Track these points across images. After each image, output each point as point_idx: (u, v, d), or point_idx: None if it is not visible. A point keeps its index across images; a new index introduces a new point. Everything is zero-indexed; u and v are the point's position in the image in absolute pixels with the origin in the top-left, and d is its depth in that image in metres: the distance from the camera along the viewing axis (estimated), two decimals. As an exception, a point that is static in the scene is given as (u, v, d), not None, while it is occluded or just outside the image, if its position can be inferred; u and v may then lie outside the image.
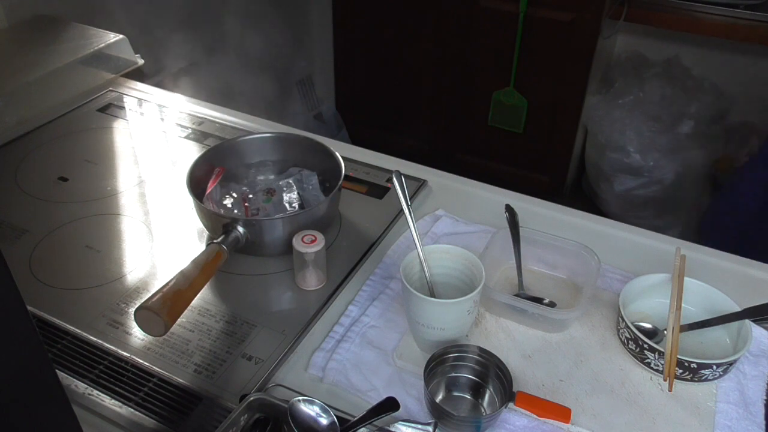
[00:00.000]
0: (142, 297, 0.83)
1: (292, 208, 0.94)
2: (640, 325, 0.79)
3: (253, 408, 0.68)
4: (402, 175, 0.79)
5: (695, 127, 2.09)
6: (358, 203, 1.02)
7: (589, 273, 0.83)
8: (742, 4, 1.92)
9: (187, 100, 1.30)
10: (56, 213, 0.99)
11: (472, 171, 1.30)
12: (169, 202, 1.02)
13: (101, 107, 1.27)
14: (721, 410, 0.72)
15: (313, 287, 0.86)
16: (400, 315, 0.82)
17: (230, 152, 1.00)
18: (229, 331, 0.80)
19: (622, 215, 2.22)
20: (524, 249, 0.87)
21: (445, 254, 0.79)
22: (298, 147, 1.02)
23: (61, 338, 0.79)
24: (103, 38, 1.33)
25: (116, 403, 0.72)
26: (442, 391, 0.73)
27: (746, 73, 2.16)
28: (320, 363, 0.76)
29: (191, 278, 0.76)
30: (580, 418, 0.71)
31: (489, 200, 1.03)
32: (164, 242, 0.94)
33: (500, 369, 0.71)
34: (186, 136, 1.19)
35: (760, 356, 0.78)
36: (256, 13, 2.07)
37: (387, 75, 2.52)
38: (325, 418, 0.64)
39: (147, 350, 0.77)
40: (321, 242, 0.83)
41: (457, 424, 0.68)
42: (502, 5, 2.12)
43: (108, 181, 1.07)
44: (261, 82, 2.04)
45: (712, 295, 0.80)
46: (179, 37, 1.64)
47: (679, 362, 0.72)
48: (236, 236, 0.84)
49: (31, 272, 0.88)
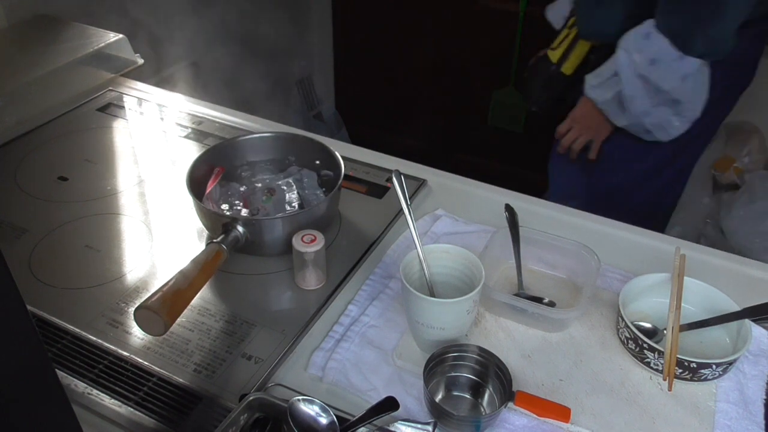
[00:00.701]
0: (141, 296, 0.83)
1: (291, 208, 0.94)
2: (639, 324, 0.79)
3: (252, 407, 0.68)
4: (401, 174, 0.79)
5: (695, 127, 2.09)
6: (358, 203, 1.02)
7: (589, 273, 0.83)
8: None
9: (187, 99, 1.30)
10: (56, 212, 0.99)
11: (472, 170, 1.29)
12: (169, 202, 1.02)
13: (101, 107, 1.27)
14: (721, 410, 0.72)
15: (313, 287, 0.86)
16: (399, 314, 0.82)
17: (230, 152, 1.00)
18: (228, 331, 0.80)
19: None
20: (524, 248, 0.87)
21: (444, 254, 0.79)
22: (297, 146, 1.02)
23: (60, 338, 0.79)
24: (102, 38, 1.33)
25: (116, 403, 0.72)
26: (441, 391, 0.73)
27: (746, 73, 2.16)
28: (320, 362, 0.76)
29: (191, 278, 0.76)
30: (580, 417, 0.71)
31: (489, 200, 1.03)
32: (164, 242, 0.94)
33: (500, 368, 0.71)
34: (186, 136, 1.19)
35: (760, 356, 0.78)
36: (256, 13, 2.07)
37: (387, 74, 2.52)
38: (325, 417, 0.64)
39: (147, 350, 0.77)
40: (321, 242, 0.83)
41: (457, 423, 0.68)
42: (502, 5, 2.12)
43: (108, 181, 1.07)
44: (261, 82, 2.04)
45: (711, 295, 0.80)
46: (179, 37, 1.64)
47: (678, 362, 0.72)
48: (236, 236, 0.84)
49: (31, 272, 0.88)
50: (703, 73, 1.08)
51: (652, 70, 1.08)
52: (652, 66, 1.08)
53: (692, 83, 1.07)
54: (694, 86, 1.08)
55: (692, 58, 1.05)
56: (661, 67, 1.07)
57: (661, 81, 1.08)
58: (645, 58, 1.09)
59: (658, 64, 1.07)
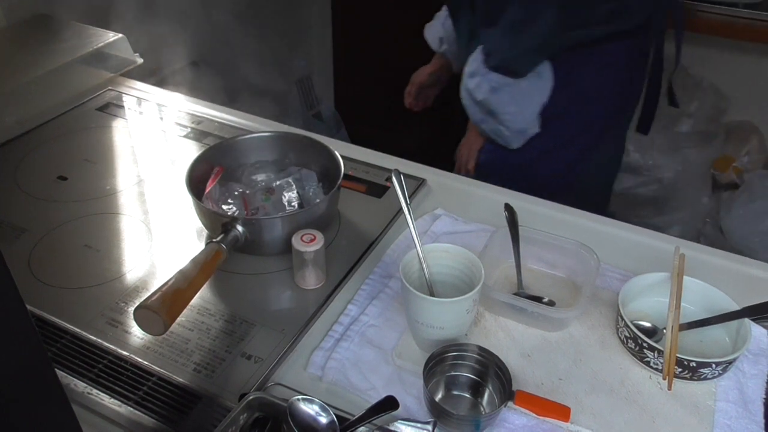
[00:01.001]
0: (141, 296, 0.83)
1: (291, 207, 0.94)
2: (639, 323, 0.79)
3: (252, 407, 0.68)
4: (401, 174, 0.79)
5: (694, 126, 2.09)
6: (358, 202, 1.02)
7: (589, 272, 0.83)
8: (741, 3, 1.92)
9: (186, 99, 1.30)
10: (55, 212, 0.99)
11: (472, 170, 1.30)
12: (169, 201, 1.02)
13: (100, 106, 1.27)
14: (721, 409, 0.72)
15: (313, 286, 0.86)
16: (399, 314, 0.82)
17: (229, 151, 1.00)
18: (228, 330, 0.80)
19: (621, 214, 2.21)
20: (523, 248, 0.87)
21: (444, 253, 0.79)
22: (297, 146, 1.02)
23: (60, 337, 0.79)
24: (102, 37, 1.33)
25: (116, 402, 0.72)
26: (441, 390, 0.73)
27: (745, 72, 2.16)
28: (319, 362, 0.76)
29: (190, 277, 0.76)
30: (580, 416, 0.71)
31: (488, 199, 1.03)
32: (163, 241, 0.94)
33: (499, 368, 0.71)
34: (185, 135, 1.19)
35: (760, 355, 0.78)
36: (255, 12, 2.07)
37: (386, 74, 2.52)
38: (325, 417, 0.64)
39: (146, 349, 0.77)
40: (320, 241, 0.83)
41: (457, 423, 0.68)
42: (502, 4, 2.11)
43: (107, 180, 1.06)
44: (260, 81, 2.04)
45: (711, 294, 0.80)
46: (178, 36, 1.64)
47: (678, 361, 0.72)
48: (235, 235, 0.84)
49: (31, 271, 0.88)
50: (515, 86, 1.15)
51: (470, 82, 1.19)
52: (470, 78, 1.19)
53: (501, 96, 1.16)
54: (504, 99, 1.16)
55: (496, 74, 1.15)
56: (476, 79, 1.18)
57: (476, 92, 1.18)
58: (467, 71, 1.21)
59: (474, 76, 1.18)
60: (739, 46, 2.11)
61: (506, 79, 1.14)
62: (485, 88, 1.16)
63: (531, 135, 1.20)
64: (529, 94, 1.16)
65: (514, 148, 1.19)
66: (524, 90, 1.15)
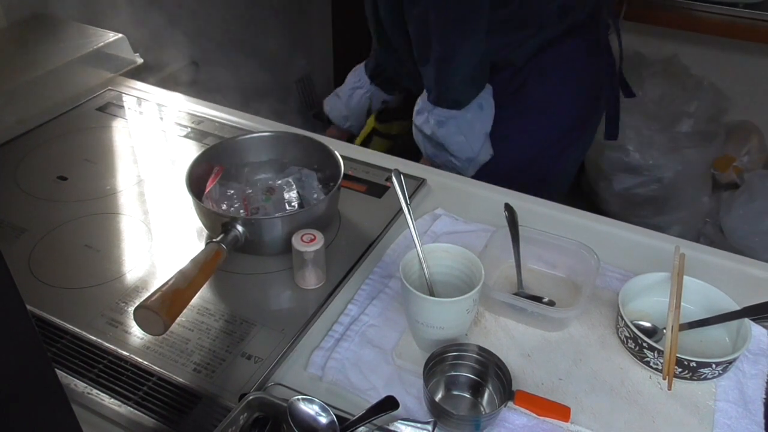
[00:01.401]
0: (141, 296, 0.83)
1: (291, 207, 0.94)
2: (639, 323, 0.79)
3: (252, 407, 0.68)
4: (401, 173, 0.79)
5: (694, 126, 2.09)
6: (358, 202, 1.02)
7: (589, 272, 0.83)
8: (742, 3, 1.92)
9: (186, 99, 1.30)
10: (55, 212, 0.99)
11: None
12: (169, 201, 1.02)
13: (100, 106, 1.27)
14: (721, 409, 0.72)
15: (313, 286, 0.86)
16: (399, 314, 0.82)
17: (229, 151, 1.00)
18: (228, 330, 0.80)
19: (621, 214, 2.22)
20: (523, 248, 0.87)
21: (444, 253, 0.79)
22: (297, 146, 1.02)
23: (60, 337, 0.79)
24: (102, 37, 1.33)
25: (115, 402, 0.72)
26: (441, 390, 0.73)
27: (745, 72, 2.16)
28: (319, 362, 0.76)
29: (190, 277, 0.76)
30: (580, 416, 0.71)
31: (488, 199, 1.03)
32: (163, 241, 0.94)
33: (499, 368, 0.71)
34: (185, 135, 1.19)
35: (760, 355, 0.78)
36: (255, 12, 2.07)
37: (386, 74, 2.52)
38: (325, 417, 0.64)
39: (146, 349, 0.77)
40: (320, 241, 0.83)
41: (457, 422, 0.68)
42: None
43: (107, 180, 1.06)
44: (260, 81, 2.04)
45: (711, 294, 0.80)
46: (178, 36, 1.64)
47: (678, 361, 0.72)
48: (235, 235, 0.84)
49: (31, 271, 0.88)
50: (461, 118, 1.17)
51: (418, 119, 1.22)
52: (419, 115, 1.22)
53: (448, 128, 1.18)
54: (451, 130, 1.18)
55: (440, 108, 1.17)
56: (423, 116, 1.21)
57: (425, 127, 1.21)
58: (416, 109, 1.23)
59: (422, 113, 1.21)
60: (739, 46, 2.11)
61: (451, 112, 1.17)
62: (432, 123, 1.19)
63: (483, 162, 1.22)
64: (473, 124, 1.18)
65: (469, 176, 1.20)
66: (470, 120, 1.18)
